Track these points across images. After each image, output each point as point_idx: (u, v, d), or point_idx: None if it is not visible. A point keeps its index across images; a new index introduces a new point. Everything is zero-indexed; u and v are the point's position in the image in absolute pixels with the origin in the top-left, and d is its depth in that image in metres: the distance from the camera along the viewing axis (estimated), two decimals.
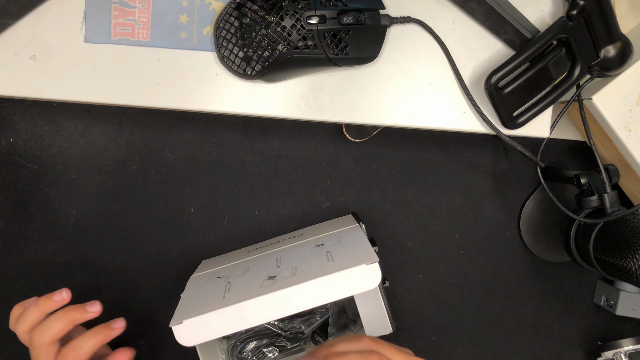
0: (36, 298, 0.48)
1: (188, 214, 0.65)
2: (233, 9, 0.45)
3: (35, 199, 0.63)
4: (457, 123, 0.50)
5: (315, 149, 0.65)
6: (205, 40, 0.47)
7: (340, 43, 0.45)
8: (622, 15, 0.56)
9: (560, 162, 0.69)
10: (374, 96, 0.49)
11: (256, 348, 0.64)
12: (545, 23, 0.50)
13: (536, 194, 0.69)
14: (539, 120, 0.51)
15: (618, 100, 0.52)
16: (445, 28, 0.49)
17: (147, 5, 0.46)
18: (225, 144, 0.64)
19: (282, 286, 0.45)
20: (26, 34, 0.45)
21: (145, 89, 0.47)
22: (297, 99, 0.48)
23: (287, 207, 0.66)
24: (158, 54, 0.47)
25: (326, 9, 0.44)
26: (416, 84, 0.49)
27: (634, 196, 0.62)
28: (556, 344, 0.72)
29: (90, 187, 0.63)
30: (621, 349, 0.68)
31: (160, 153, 0.64)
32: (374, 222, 0.67)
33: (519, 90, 0.48)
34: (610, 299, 0.68)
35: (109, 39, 0.46)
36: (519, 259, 0.70)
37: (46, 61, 0.46)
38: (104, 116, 0.63)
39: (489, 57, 0.50)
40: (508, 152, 0.68)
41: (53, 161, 0.63)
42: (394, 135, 0.65)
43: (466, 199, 0.68)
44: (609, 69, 0.50)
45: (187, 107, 0.47)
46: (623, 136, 0.53)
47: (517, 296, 0.70)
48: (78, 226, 0.64)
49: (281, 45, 0.44)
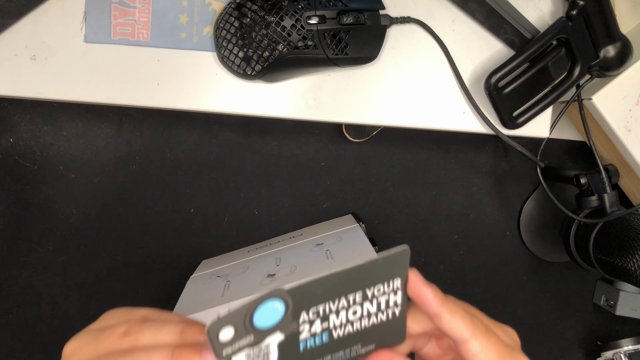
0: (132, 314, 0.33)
1: (188, 214, 0.65)
2: (233, 9, 0.45)
3: (36, 199, 0.63)
4: (457, 123, 0.50)
5: (315, 149, 0.65)
6: (205, 40, 0.47)
7: (340, 43, 0.45)
8: (622, 16, 0.56)
9: (560, 162, 0.69)
10: (374, 96, 0.49)
11: None
12: (545, 23, 0.50)
13: (536, 194, 0.69)
14: (538, 121, 0.51)
15: (618, 100, 0.52)
16: (445, 28, 0.49)
17: (147, 5, 0.46)
18: (225, 144, 0.64)
19: (281, 284, 0.45)
20: (26, 34, 0.45)
21: (145, 89, 0.47)
22: (297, 99, 0.48)
23: (287, 207, 0.66)
24: (158, 54, 0.47)
25: (326, 9, 0.44)
26: (416, 84, 0.49)
27: (633, 196, 0.62)
28: (556, 344, 0.72)
29: (90, 187, 0.63)
30: (621, 349, 0.68)
31: (160, 153, 0.64)
32: (374, 222, 0.67)
33: (519, 91, 0.48)
34: (610, 299, 0.68)
35: (109, 39, 0.46)
36: (519, 259, 0.70)
37: (46, 61, 0.46)
38: (104, 116, 0.63)
39: (489, 57, 0.50)
40: (508, 152, 0.68)
41: (53, 161, 0.63)
42: (394, 135, 0.65)
43: (466, 199, 0.68)
44: (608, 69, 0.50)
45: (187, 107, 0.47)
46: (623, 136, 0.53)
47: (517, 296, 0.70)
48: (78, 226, 0.64)
49: (281, 45, 0.44)
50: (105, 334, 0.28)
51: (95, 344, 0.28)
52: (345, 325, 0.27)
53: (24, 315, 0.64)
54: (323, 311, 0.26)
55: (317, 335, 0.27)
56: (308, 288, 0.24)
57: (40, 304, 0.65)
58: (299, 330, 0.26)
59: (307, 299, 0.25)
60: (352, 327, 0.27)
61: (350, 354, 0.29)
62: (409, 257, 0.27)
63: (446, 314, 0.28)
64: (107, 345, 0.28)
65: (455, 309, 0.28)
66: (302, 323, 0.26)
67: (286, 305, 0.24)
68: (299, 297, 0.24)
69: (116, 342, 0.28)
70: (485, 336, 0.29)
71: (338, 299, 0.26)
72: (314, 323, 0.26)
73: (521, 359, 0.31)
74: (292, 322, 0.25)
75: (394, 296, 0.27)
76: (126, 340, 0.28)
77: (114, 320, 0.30)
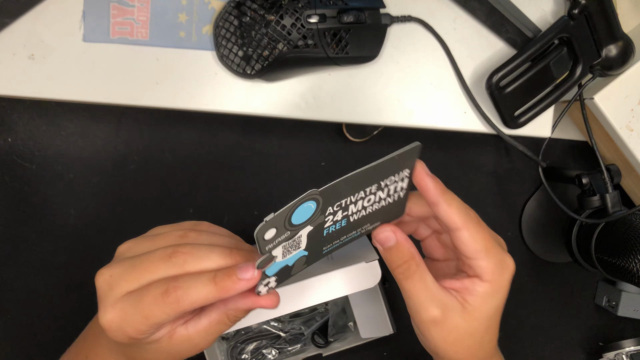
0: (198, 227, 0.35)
1: (187, 214, 0.64)
2: (233, 7, 0.44)
3: (34, 199, 0.63)
4: (458, 123, 0.50)
5: (315, 149, 0.65)
6: (205, 39, 0.46)
7: (340, 42, 0.44)
8: (624, 15, 0.56)
9: (562, 162, 0.69)
10: (374, 95, 0.49)
11: (255, 349, 0.64)
12: (546, 22, 0.50)
13: (537, 194, 0.69)
14: (540, 120, 0.51)
15: (620, 99, 0.52)
16: (446, 27, 0.49)
17: (146, 4, 0.46)
18: (225, 143, 0.64)
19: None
20: (24, 33, 0.45)
21: (144, 89, 0.47)
22: (297, 98, 0.48)
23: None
24: (157, 53, 0.46)
25: (326, 7, 0.43)
26: (417, 83, 0.49)
27: (635, 196, 0.62)
28: (557, 345, 0.72)
29: (89, 187, 0.63)
30: (623, 350, 0.67)
31: (159, 153, 0.63)
32: None
33: (521, 90, 0.48)
34: (611, 299, 0.68)
35: (108, 38, 0.46)
36: (520, 260, 0.70)
37: (44, 60, 0.46)
38: (102, 116, 0.63)
39: (490, 56, 0.50)
40: (509, 152, 0.68)
41: (52, 161, 0.63)
42: (395, 135, 0.65)
43: (467, 199, 0.68)
44: (610, 68, 0.49)
45: (187, 106, 0.47)
46: (625, 136, 0.53)
47: (518, 297, 0.70)
48: (77, 226, 0.63)
49: (281, 44, 0.44)
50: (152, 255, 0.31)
51: (146, 262, 0.31)
52: (360, 211, 0.31)
53: (22, 315, 0.64)
54: (345, 203, 0.30)
55: (338, 222, 0.31)
56: (336, 187, 0.28)
57: (38, 304, 0.64)
58: (325, 221, 0.30)
59: (334, 196, 0.29)
60: (365, 211, 0.32)
61: (360, 231, 0.34)
62: (419, 151, 0.30)
63: (443, 203, 0.32)
64: (154, 269, 0.30)
65: (451, 201, 0.32)
66: (328, 215, 0.30)
67: (317, 203, 0.28)
68: (327, 195, 0.28)
69: (159, 264, 0.31)
70: (475, 227, 0.32)
71: (357, 192, 0.30)
72: (337, 213, 0.30)
73: (505, 256, 0.34)
74: (320, 216, 0.29)
75: (401, 183, 0.31)
76: (169, 262, 0.30)
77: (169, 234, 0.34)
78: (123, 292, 0.30)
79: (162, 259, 0.30)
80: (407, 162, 0.30)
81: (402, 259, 0.33)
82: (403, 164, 0.30)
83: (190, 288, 0.29)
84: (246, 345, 0.63)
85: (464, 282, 0.33)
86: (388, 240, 0.33)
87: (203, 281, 0.29)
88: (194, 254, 0.31)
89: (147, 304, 0.29)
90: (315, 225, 0.30)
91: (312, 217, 0.29)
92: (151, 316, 0.29)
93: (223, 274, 0.29)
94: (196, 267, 0.30)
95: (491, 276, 0.33)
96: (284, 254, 0.30)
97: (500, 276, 0.33)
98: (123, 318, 0.30)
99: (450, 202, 0.32)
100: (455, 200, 0.32)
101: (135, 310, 0.29)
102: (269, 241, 0.28)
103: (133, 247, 0.34)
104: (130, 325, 0.30)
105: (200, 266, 0.31)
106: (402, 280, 0.33)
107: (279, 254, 0.30)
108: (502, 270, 0.33)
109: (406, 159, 0.30)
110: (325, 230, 0.31)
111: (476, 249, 0.32)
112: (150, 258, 0.31)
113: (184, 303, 0.29)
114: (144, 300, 0.29)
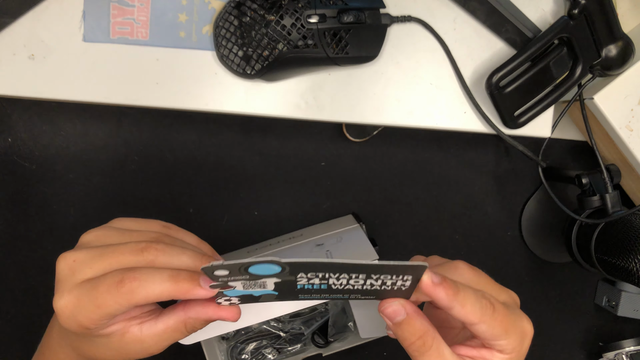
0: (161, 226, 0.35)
1: (187, 214, 0.64)
2: (233, 7, 0.44)
3: (34, 199, 0.63)
4: (458, 123, 0.50)
5: (315, 149, 0.65)
6: (205, 39, 0.46)
7: (340, 42, 0.44)
8: (624, 15, 0.56)
9: (562, 162, 0.69)
10: (374, 96, 0.49)
11: (255, 349, 0.64)
12: (546, 22, 0.50)
13: (537, 194, 0.69)
14: (540, 120, 0.51)
15: (619, 99, 0.52)
16: (446, 27, 0.49)
17: (146, 4, 0.46)
18: (225, 144, 0.64)
19: None
20: (24, 33, 0.45)
21: (144, 89, 0.47)
22: (297, 99, 0.48)
23: (287, 207, 0.66)
24: (157, 53, 0.46)
25: (326, 7, 0.43)
26: (417, 83, 0.49)
27: (635, 196, 0.62)
28: (557, 345, 0.72)
29: (89, 187, 0.63)
30: (622, 350, 0.67)
31: (159, 153, 0.63)
32: (374, 223, 0.67)
33: (520, 90, 0.48)
34: (611, 299, 0.68)
35: (108, 38, 0.46)
36: (520, 260, 0.70)
37: (45, 60, 0.46)
38: (102, 116, 0.63)
39: (490, 56, 0.50)
40: (509, 152, 0.68)
41: (52, 161, 0.63)
42: (395, 135, 0.65)
43: (467, 199, 0.68)
44: (610, 68, 0.49)
45: (186, 106, 0.47)
46: (625, 136, 0.53)
47: (518, 297, 0.70)
48: (77, 226, 0.63)
49: (281, 44, 0.44)
50: (123, 247, 0.30)
51: (112, 252, 0.30)
52: (345, 286, 0.28)
53: (22, 316, 0.64)
54: (323, 275, 0.27)
55: (315, 284, 0.28)
56: (308, 265, 0.26)
57: (38, 304, 0.64)
58: (296, 280, 0.28)
59: (305, 268, 0.26)
60: (353, 287, 0.29)
61: (348, 297, 0.30)
62: (424, 271, 0.28)
63: (457, 306, 0.30)
64: (123, 260, 0.30)
65: (464, 301, 0.30)
66: (300, 278, 0.27)
67: (282, 268, 0.26)
68: (296, 267, 0.26)
69: (129, 256, 0.30)
70: (491, 317, 0.31)
71: (340, 274, 0.27)
72: (312, 279, 0.28)
73: (523, 321, 0.33)
74: (289, 276, 0.27)
75: (401, 281, 0.29)
76: (140, 257, 0.30)
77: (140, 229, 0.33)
78: (83, 279, 0.29)
79: (133, 251, 0.30)
80: (408, 273, 0.28)
81: (416, 334, 0.30)
82: (403, 273, 0.28)
83: (148, 281, 0.28)
84: (246, 345, 0.63)
85: (482, 352, 0.32)
86: (397, 314, 0.30)
87: (163, 276, 0.28)
88: (167, 252, 0.30)
89: (101, 292, 0.28)
90: (284, 279, 0.28)
91: (278, 274, 0.27)
92: (103, 305, 0.28)
93: (186, 275, 0.29)
94: (164, 265, 0.30)
95: (512, 350, 0.31)
96: (246, 287, 0.28)
97: (520, 346, 0.32)
98: (76, 305, 0.29)
99: (463, 302, 0.30)
100: (468, 298, 0.30)
101: (88, 298, 0.28)
102: (224, 276, 0.27)
103: (101, 237, 0.32)
104: (82, 313, 0.29)
105: (168, 264, 0.30)
106: (418, 357, 0.30)
107: (239, 285, 0.28)
108: (522, 340, 0.32)
109: (407, 271, 0.28)
110: (299, 285, 0.28)
111: (494, 334, 0.31)
112: (120, 249, 0.30)
113: (138, 295, 0.28)
114: (99, 288, 0.28)
